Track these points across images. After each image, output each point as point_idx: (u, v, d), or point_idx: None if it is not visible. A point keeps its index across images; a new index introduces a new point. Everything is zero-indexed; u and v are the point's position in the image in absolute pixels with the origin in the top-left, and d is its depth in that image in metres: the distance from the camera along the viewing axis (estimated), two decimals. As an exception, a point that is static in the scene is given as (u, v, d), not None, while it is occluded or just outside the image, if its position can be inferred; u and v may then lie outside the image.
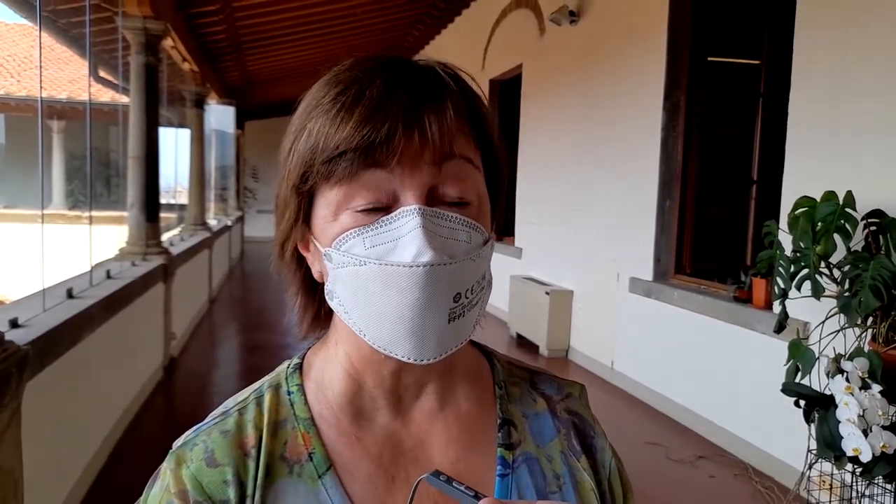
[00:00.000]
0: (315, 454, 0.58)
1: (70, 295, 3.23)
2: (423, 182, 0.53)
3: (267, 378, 0.64)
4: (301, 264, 0.62)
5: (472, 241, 0.54)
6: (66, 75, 11.63)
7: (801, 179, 3.19)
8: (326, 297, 0.58)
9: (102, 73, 6.60)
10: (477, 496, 0.44)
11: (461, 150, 0.55)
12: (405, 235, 0.52)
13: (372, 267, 0.52)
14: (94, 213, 5.12)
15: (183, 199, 9.09)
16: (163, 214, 5.53)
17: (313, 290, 0.63)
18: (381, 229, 0.53)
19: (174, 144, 8.38)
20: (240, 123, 13.90)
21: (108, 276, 3.98)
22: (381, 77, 0.54)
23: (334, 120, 0.53)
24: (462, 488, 0.44)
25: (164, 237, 5.94)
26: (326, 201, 0.55)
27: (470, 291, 0.54)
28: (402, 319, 0.52)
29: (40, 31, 4.20)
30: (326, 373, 0.62)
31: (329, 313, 0.64)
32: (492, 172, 0.61)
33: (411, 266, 0.50)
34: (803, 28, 3.26)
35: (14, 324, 2.49)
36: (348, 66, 0.57)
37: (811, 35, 3.21)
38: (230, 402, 0.62)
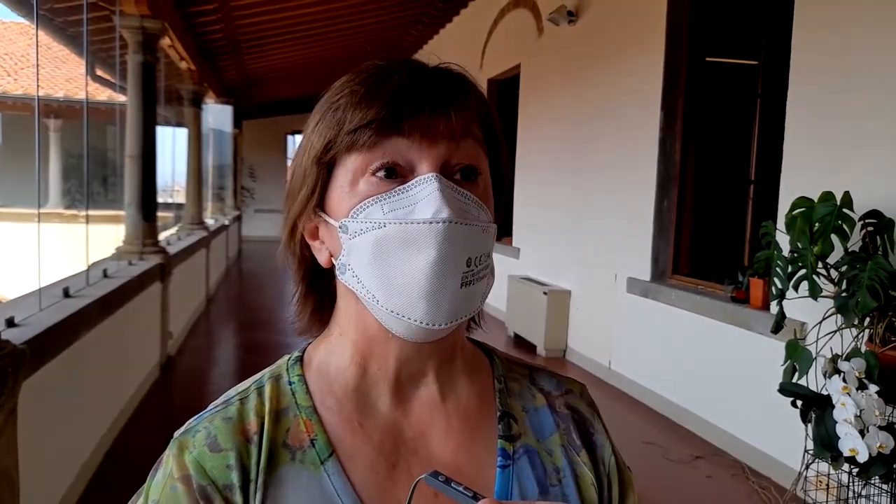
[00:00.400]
0: (317, 441, 0.59)
1: (67, 294, 3.22)
2: (439, 155, 0.56)
3: (268, 370, 0.65)
4: (306, 255, 0.63)
5: (480, 219, 0.57)
6: (64, 74, 11.61)
7: (798, 180, 3.20)
8: (338, 273, 0.59)
9: (100, 72, 6.59)
10: (475, 496, 0.44)
11: (477, 133, 0.59)
12: (424, 198, 0.54)
13: (392, 228, 0.54)
14: (91, 213, 5.10)
15: (180, 198, 9.08)
16: (160, 214, 5.52)
17: (315, 282, 0.64)
18: (399, 196, 0.55)
19: (171, 143, 8.38)
20: (237, 123, 13.88)
21: (105, 276, 3.97)
22: (407, 68, 0.58)
23: (364, 96, 0.56)
24: (460, 489, 0.44)
25: (162, 236, 5.93)
26: (346, 169, 0.57)
27: (479, 261, 0.56)
28: (419, 280, 0.54)
29: (37, 29, 4.19)
30: (331, 363, 0.63)
31: (328, 308, 0.65)
32: (497, 174, 0.63)
33: (431, 222, 0.53)
34: (801, 29, 3.26)
35: (10, 323, 2.48)
36: (370, 63, 0.60)
37: (809, 36, 3.22)
38: (231, 392, 0.63)
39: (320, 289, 0.65)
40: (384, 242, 0.54)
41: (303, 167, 0.60)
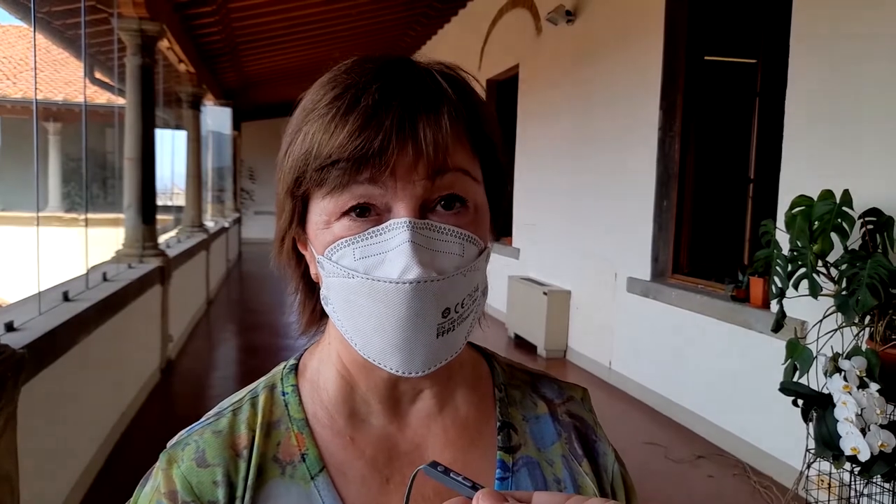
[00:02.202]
0: (308, 455, 0.58)
1: (66, 298, 3.22)
2: (415, 195, 0.52)
3: (263, 379, 0.64)
4: (300, 261, 0.62)
5: (466, 254, 0.53)
6: (62, 77, 11.61)
7: (797, 178, 3.19)
8: (322, 301, 0.58)
9: (98, 75, 6.59)
10: (475, 487, 0.44)
11: (457, 162, 0.54)
12: (393, 249, 0.51)
13: (359, 280, 0.52)
14: (91, 216, 5.10)
15: (180, 200, 9.08)
16: (159, 216, 5.52)
17: (312, 287, 0.63)
18: (370, 240, 0.52)
19: (171, 146, 8.38)
20: (236, 125, 13.88)
21: (105, 279, 3.96)
22: (377, 83, 0.53)
23: (328, 126, 0.52)
24: (460, 479, 0.44)
25: (161, 239, 5.93)
26: (319, 209, 0.55)
27: (460, 305, 0.53)
28: (389, 334, 0.52)
29: (35, 32, 4.18)
30: (321, 373, 0.62)
31: (325, 312, 0.63)
32: (494, 178, 0.59)
33: (397, 283, 0.50)
34: (799, 27, 3.26)
35: (10, 327, 2.48)
36: (347, 67, 0.56)
37: (807, 34, 3.21)
38: (225, 403, 0.62)
39: (317, 293, 0.63)
40: (353, 292, 0.53)
41: (281, 194, 0.58)
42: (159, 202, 5.61)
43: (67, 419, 2.91)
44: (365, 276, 0.51)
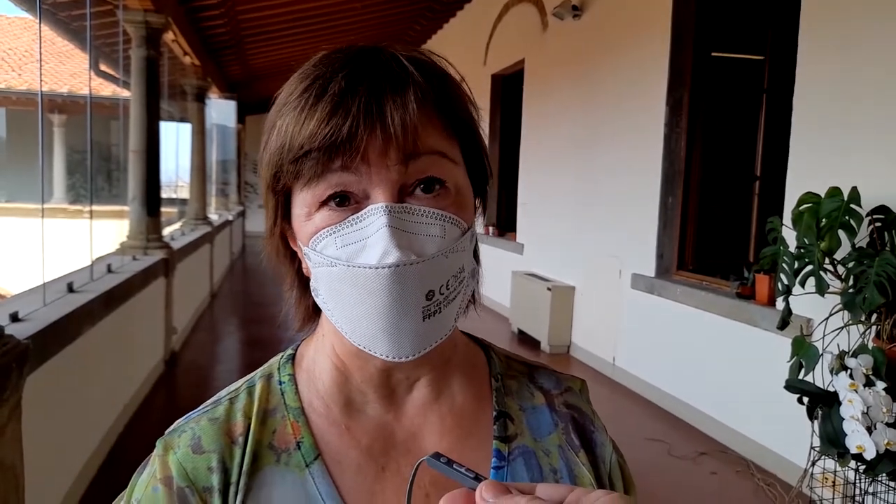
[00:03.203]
0: (303, 443, 0.58)
1: (71, 289, 3.23)
2: (390, 180, 0.52)
3: (260, 368, 0.65)
4: (295, 257, 0.62)
5: (448, 235, 0.53)
6: (67, 69, 11.61)
7: (805, 175, 3.17)
8: (312, 293, 0.59)
9: (103, 67, 6.58)
10: (477, 478, 0.43)
11: (431, 144, 0.53)
12: (372, 235, 0.51)
13: (341, 268, 0.52)
14: (95, 208, 5.10)
15: (184, 193, 9.08)
16: (164, 209, 5.52)
17: (305, 282, 0.63)
18: (350, 228, 0.52)
19: (175, 139, 8.38)
20: (241, 118, 13.89)
21: (109, 271, 3.97)
22: (344, 70, 0.53)
23: (299, 117, 0.52)
24: (462, 470, 0.44)
25: (166, 231, 5.94)
26: (300, 201, 0.55)
27: (445, 287, 0.53)
28: (375, 320, 0.52)
29: (40, 24, 4.19)
30: (317, 363, 0.62)
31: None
32: (475, 159, 0.59)
33: (377, 268, 0.50)
34: (808, 22, 3.23)
35: (14, 318, 2.48)
36: (317, 60, 0.56)
37: (816, 29, 3.19)
38: (223, 392, 0.63)
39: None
40: (337, 280, 0.53)
41: (263, 190, 0.58)
42: (164, 195, 5.61)
43: (72, 410, 2.91)
44: (346, 263, 0.52)
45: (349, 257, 0.52)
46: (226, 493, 0.55)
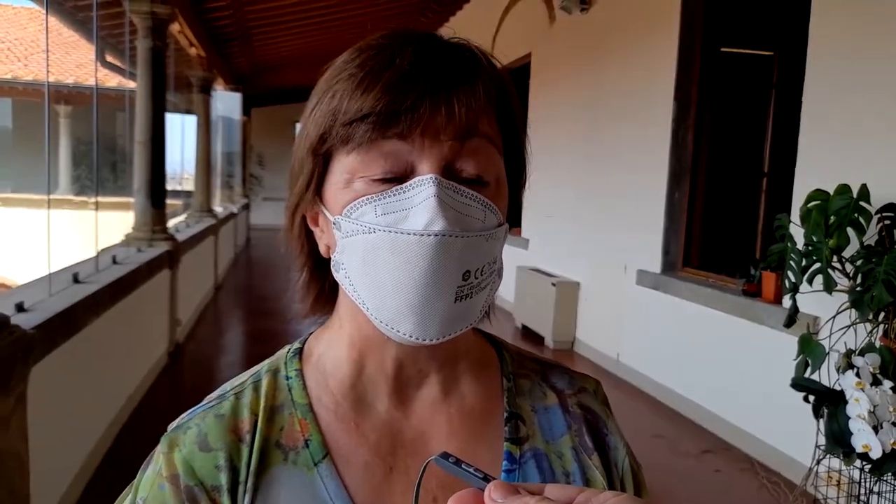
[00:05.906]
0: (311, 441, 0.57)
1: (76, 280, 3.23)
2: (442, 155, 0.52)
3: (266, 362, 0.63)
4: (309, 239, 0.61)
5: (487, 222, 0.53)
6: (74, 60, 11.61)
7: (813, 172, 3.15)
8: (333, 270, 0.57)
9: (109, 58, 6.58)
10: (486, 478, 0.43)
11: (485, 129, 0.54)
12: (418, 205, 0.50)
13: (381, 234, 0.51)
14: (101, 199, 5.12)
15: (189, 185, 9.09)
16: (169, 201, 5.53)
17: (319, 267, 0.62)
18: (394, 197, 0.51)
19: (180, 130, 8.38)
20: (246, 110, 13.87)
21: (114, 262, 3.98)
22: (412, 47, 0.53)
23: (361, 83, 0.52)
24: (471, 470, 0.43)
25: (170, 223, 5.94)
26: (342, 167, 0.54)
27: (480, 272, 0.52)
28: (408, 292, 0.50)
29: (47, 14, 4.18)
30: (329, 357, 0.61)
31: (332, 294, 0.63)
32: (514, 160, 0.60)
33: (422, 234, 0.49)
34: (818, 18, 3.20)
35: (20, 308, 2.49)
36: (380, 35, 0.56)
37: (826, 25, 3.16)
38: (227, 386, 0.61)
39: (324, 274, 0.62)
40: (373, 248, 0.51)
41: (299, 157, 0.57)
42: (169, 187, 5.61)
43: (77, 400, 2.92)
44: (388, 229, 0.51)
45: (390, 224, 0.51)
46: (234, 492, 0.54)
